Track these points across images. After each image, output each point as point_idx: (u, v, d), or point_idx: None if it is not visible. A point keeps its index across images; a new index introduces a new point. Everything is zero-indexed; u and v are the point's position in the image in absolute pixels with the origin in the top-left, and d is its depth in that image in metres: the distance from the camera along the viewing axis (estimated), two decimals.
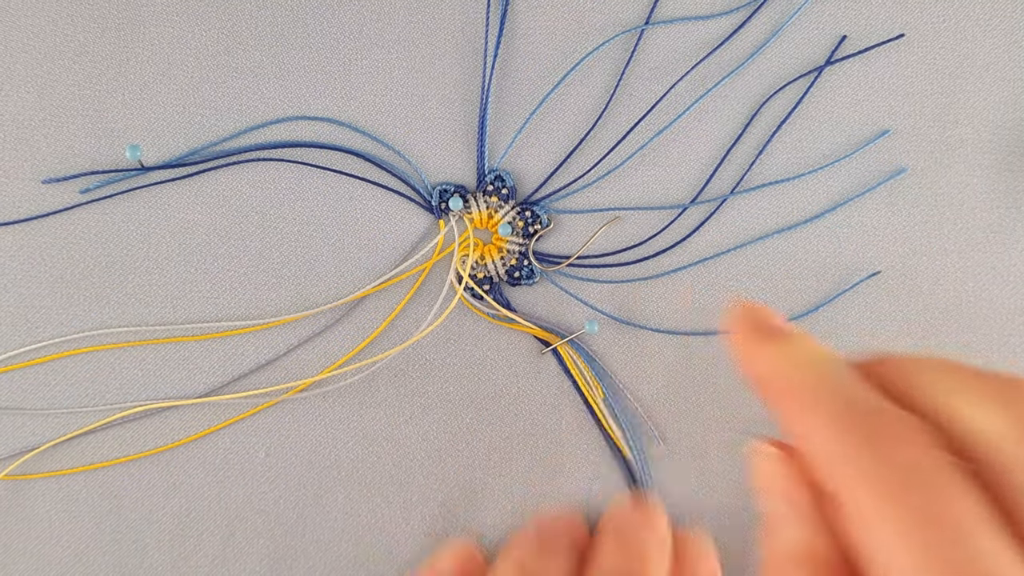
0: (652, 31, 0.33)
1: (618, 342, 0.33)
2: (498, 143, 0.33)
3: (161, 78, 0.32)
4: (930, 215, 0.33)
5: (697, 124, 0.33)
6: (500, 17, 0.33)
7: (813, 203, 0.33)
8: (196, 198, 0.32)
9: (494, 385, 0.33)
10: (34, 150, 0.32)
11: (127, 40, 0.32)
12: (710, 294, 0.33)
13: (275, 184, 0.32)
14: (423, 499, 0.33)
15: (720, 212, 0.33)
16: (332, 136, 0.33)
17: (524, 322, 0.33)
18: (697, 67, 0.33)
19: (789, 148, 0.33)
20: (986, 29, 0.33)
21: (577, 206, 0.33)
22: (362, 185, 0.33)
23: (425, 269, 0.33)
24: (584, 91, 0.33)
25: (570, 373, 0.33)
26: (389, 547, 0.32)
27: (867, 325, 0.33)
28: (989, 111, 0.33)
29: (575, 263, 0.33)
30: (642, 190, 0.33)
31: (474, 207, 0.33)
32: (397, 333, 0.33)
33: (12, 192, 0.32)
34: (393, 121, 0.33)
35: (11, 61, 0.32)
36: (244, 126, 0.32)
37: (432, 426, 0.33)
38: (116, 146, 0.32)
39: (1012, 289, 0.33)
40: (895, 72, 0.33)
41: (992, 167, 0.33)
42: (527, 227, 0.33)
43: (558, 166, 0.33)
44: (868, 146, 0.33)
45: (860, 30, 0.33)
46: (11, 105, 0.32)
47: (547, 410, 0.33)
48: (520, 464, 0.33)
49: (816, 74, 0.33)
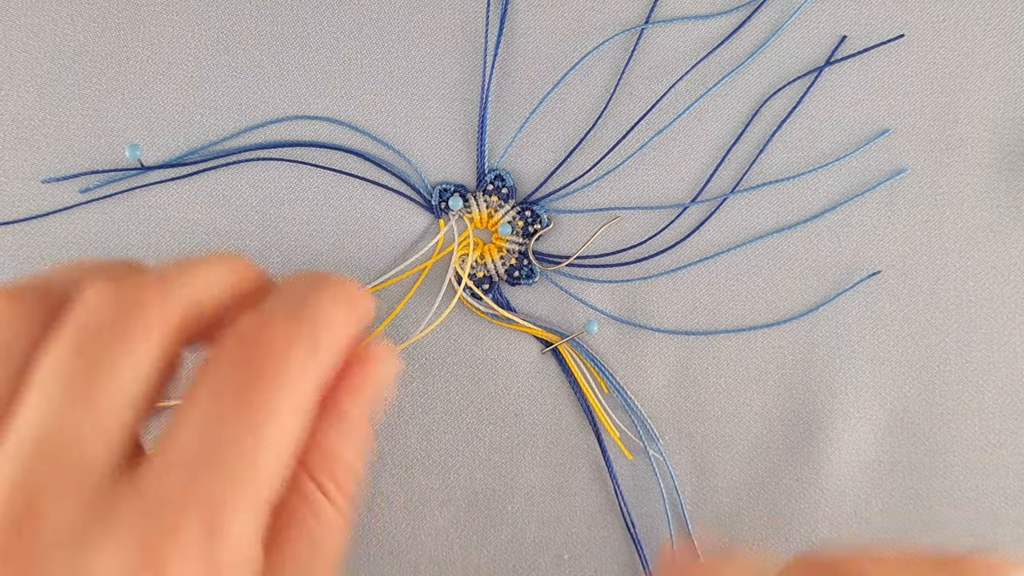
0: (652, 30, 0.33)
1: (618, 342, 0.33)
2: (498, 142, 0.33)
3: (161, 78, 0.32)
4: (930, 214, 0.33)
5: (697, 124, 0.33)
6: (500, 16, 0.33)
7: (813, 202, 0.33)
8: (196, 197, 0.32)
9: (495, 384, 0.33)
10: (34, 149, 0.32)
11: (127, 40, 0.32)
12: (710, 294, 0.33)
13: (275, 183, 0.32)
14: (423, 499, 0.33)
15: (720, 212, 0.33)
16: (332, 136, 0.33)
17: (524, 322, 0.33)
18: (697, 67, 0.33)
19: (789, 148, 0.33)
20: (986, 29, 0.33)
21: (577, 206, 0.33)
22: (362, 185, 0.33)
23: (425, 268, 0.33)
24: (584, 90, 0.33)
25: (570, 373, 0.33)
26: (390, 548, 0.32)
27: (867, 324, 0.33)
28: (989, 110, 0.33)
29: (575, 263, 0.33)
30: (642, 190, 0.33)
31: (474, 206, 0.33)
32: (397, 332, 0.33)
33: (12, 191, 0.32)
34: (393, 120, 0.33)
35: (11, 61, 0.32)
36: (244, 126, 0.32)
37: (432, 426, 0.33)
38: (116, 146, 0.32)
39: (1012, 288, 0.33)
40: (895, 72, 0.33)
41: (992, 166, 0.33)
42: (527, 227, 0.33)
43: (558, 166, 0.33)
44: (868, 146, 0.33)
45: (860, 30, 0.33)
46: (11, 105, 0.32)
47: (547, 409, 0.33)
48: (521, 463, 0.33)
49: (816, 74, 0.33)
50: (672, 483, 0.33)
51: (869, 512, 0.33)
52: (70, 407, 0.18)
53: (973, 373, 0.33)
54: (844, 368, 0.33)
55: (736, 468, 0.33)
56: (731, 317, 0.33)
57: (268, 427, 0.18)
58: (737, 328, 0.33)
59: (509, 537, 0.33)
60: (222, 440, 0.18)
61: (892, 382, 0.33)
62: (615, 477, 0.33)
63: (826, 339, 0.33)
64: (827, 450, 0.33)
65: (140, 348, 0.19)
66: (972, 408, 0.33)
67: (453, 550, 0.33)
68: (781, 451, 0.33)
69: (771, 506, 0.33)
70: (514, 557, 0.33)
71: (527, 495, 0.33)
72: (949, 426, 0.33)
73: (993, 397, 0.33)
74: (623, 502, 0.33)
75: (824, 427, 0.33)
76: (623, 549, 0.33)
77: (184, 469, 0.18)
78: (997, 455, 0.33)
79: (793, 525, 0.33)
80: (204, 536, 0.17)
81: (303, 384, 0.20)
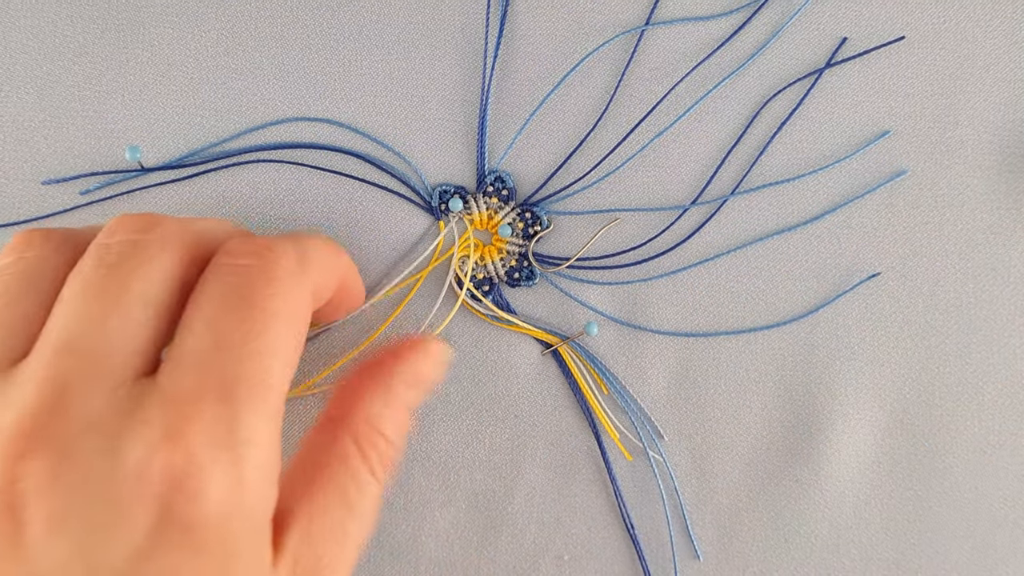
0: (652, 32, 0.33)
1: (618, 343, 0.33)
2: (498, 144, 0.33)
3: (161, 79, 0.32)
4: (930, 216, 0.33)
5: (697, 125, 0.33)
6: (500, 18, 0.33)
7: (813, 204, 0.33)
8: (196, 199, 0.32)
9: (495, 386, 0.33)
10: (34, 151, 0.32)
11: (127, 41, 0.32)
12: (710, 295, 0.33)
13: (275, 185, 0.32)
14: (423, 501, 0.33)
15: (720, 213, 0.33)
16: (332, 137, 0.33)
17: (524, 324, 0.33)
18: (697, 68, 0.33)
19: (789, 149, 0.33)
20: (986, 30, 0.33)
21: (577, 207, 0.33)
22: (362, 186, 0.33)
23: (423, 273, 0.33)
24: (584, 92, 0.33)
25: (570, 374, 0.33)
26: (390, 549, 0.32)
27: (867, 326, 0.33)
28: (989, 112, 0.33)
29: (575, 264, 0.33)
30: (642, 191, 0.33)
31: (474, 208, 0.33)
32: (397, 334, 0.33)
33: (12, 193, 0.32)
34: (393, 122, 0.33)
35: (11, 62, 0.32)
36: (244, 127, 0.32)
37: (432, 427, 0.33)
38: (116, 147, 0.32)
39: (1012, 290, 0.33)
40: (895, 74, 0.33)
41: (992, 168, 0.33)
42: (527, 228, 0.33)
43: (558, 167, 0.33)
44: (868, 147, 0.33)
45: (860, 32, 0.33)
46: (11, 106, 0.32)
47: (547, 411, 0.33)
48: (522, 464, 0.33)
49: (816, 76, 0.33)
50: (672, 484, 0.33)
51: (868, 513, 0.33)
52: (94, 308, 0.19)
53: (973, 375, 0.33)
54: (844, 370, 0.33)
55: (736, 469, 0.33)
56: (731, 319, 0.33)
57: (269, 330, 0.20)
58: (737, 330, 0.33)
59: (509, 538, 0.33)
60: (228, 339, 0.19)
61: (892, 384, 0.33)
62: (615, 479, 0.33)
63: (826, 341, 0.33)
64: (827, 451, 0.33)
65: (157, 258, 0.20)
66: (972, 409, 0.33)
67: (453, 551, 0.33)
68: (781, 452, 0.33)
69: (771, 507, 0.33)
70: (514, 558, 0.33)
71: (527, 496, 0.33)
72: (949, 427, 0.33)
73: (993, 399, 0.33)
74: (623, 504, 0.33)
75: (824, 428, 0.33)
76: (623, 550, 0.33)
77: (198, 364, 0.19)
78: (997, 457, 0.33)
79: (793, 526, 0.33)
80: (223, 423, 0.19)
81: (295, 292, 0.21)
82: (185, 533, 0.18)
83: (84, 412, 0.18)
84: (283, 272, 0.21)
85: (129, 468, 0.18)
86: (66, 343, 0.19)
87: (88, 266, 0.20)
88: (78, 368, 0.19)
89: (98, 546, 0.17)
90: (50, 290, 0.20)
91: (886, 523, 0.33)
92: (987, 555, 0.33)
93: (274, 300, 0.20)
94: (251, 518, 0.19)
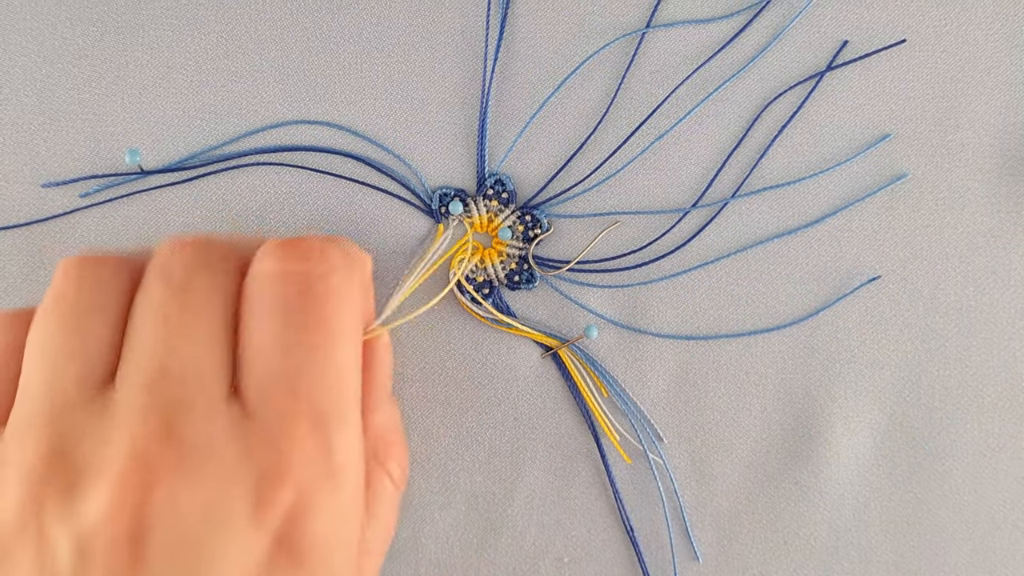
0: (653, 35, 0.33)
1: (619, 346, 0.33)
2: (498, 147, 0.33)
3: (160, 82, 0.32)
4: (931, 220, 0.33)
5: (698, 128, 0.33)
6: (500, 20, 0.33)
7: (814, 207, 0.33)
8: (196, 202, 0.32)
9: (495, 389, 0.33)
10: (33, 154, 0.32)
11: (126, 44, 0.32)
12: (710, 298, 0.33)
13: (275, 188, 0.32)
14: (423, 503, 0.33)
15: (720, 216, 0.33)
16: (332, 140, 0.33)
17: (524, 327, 0.33)
18: (698, 71, 0.33)
19: (790, 152, 0.33)
20: (987, 33, 0.33)
21: (577, 210, 0.33)
22: (361, 189, 0.33)
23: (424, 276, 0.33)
24: (585, 95, 0.33)
25: (570, 377, 0.33)
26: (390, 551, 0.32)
27: (867, 329, 0.33)
28: (990, 116, 0.33)
29: (575, 267, 0.33)
30: (642, 194, 0.33)
31: (474, 211, 0.33)
32: (394, 334, 0.33)
33: (11, 196, 0.32)
34: (393, 125, 0.33)
35: (10, 64, 0.32)
36: (243, 130, 0.32)
37: (432, 429, 0.33)
38: (115, 150, 0.32)
39: (1012, 293, 0.33)
40: (896, 77, 0.33)
41: (993, 171, 0.33)
42: (527, 231, 0.33)
43: (559, 170, 0.33)
44: (869, 151, 0.33)
45: (861, 35, 0.33)
46: (10, 109, 0.32)
47: (547, 413, 0.33)
48: (521, 467, 0.33)
49: (817, 79, 0.33)
50: (672, 487, 0.33)
51: (868, 516, 0.33)
52: (176, 333, 0.19)
53: (973, 378, 0.33)
54: (844, 373, 0.33)
55: (736, 472, 0.33)
56: (731, 322, 0.33)
57: (338, 344, 0.20)
58: (737, 333, 0.33)
59: (509, 540, 0.33)
60: (304, 360, 0.19)
61: (892, 387, 0.33)
62: (614, 481, 0.33)
63: (826, 344, 0.33)
64: (826, 454, 0.33)
65: (220, 278, 0.21)
66: (972, 413, 0.33)
67: (453, 553, 0.33)
68: (780, 455, 0.33)
69: (770, 510, 0.33)
70: (514, 560, 0.33)
71: (527, 498, 0.33)
72: (948, 430, 0.33)
73: (993, 402, 0.33)
74: (622, 506, 0.33)
75: (823, 431, 0.33)
76: (623, 552, 0.33)
77: (284, 390, 0.19)
78: (996, 460, 0.33)
79: (792, 528, 0.33)
80: (321, 451, 0.19)
81: (352, 298, 0.21)
82: (295, 562, 0.18)
83: (195, 439, 0.18)
84: (338, 278, 0.21)
85: (247, 499, 0.18)
86: (158, 369, 0.19)
87: (157, 290, 0.20)
88: (177, 394, 0.19)
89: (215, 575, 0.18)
90: (120, 314, 0.20)
91: (885, 526, 0.33)
92: (986, 558, 0.33)
93: (338, 312, 0.20)
94: (350, 537, 0.20)
